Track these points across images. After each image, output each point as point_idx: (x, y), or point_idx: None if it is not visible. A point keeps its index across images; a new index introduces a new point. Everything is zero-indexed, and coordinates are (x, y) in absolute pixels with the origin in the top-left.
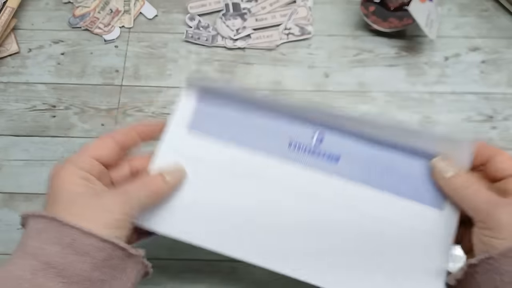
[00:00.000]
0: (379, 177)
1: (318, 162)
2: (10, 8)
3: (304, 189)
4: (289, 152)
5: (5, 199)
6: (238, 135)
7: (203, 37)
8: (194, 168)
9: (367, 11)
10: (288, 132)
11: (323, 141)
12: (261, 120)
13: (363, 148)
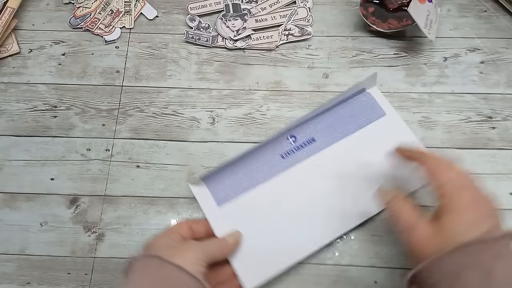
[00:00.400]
0: (341, 130)
1: (305, 151)
2: (10, 8)
3: (311, 174)
4: (285, 162)
5: (6, 199)
6: (247, 183)
7: (204, 37)
8: (238, 223)
9: (366, 12)
10: (274, 152)
11: (297, 137)
12: (252, 162)
13: (321, 121)
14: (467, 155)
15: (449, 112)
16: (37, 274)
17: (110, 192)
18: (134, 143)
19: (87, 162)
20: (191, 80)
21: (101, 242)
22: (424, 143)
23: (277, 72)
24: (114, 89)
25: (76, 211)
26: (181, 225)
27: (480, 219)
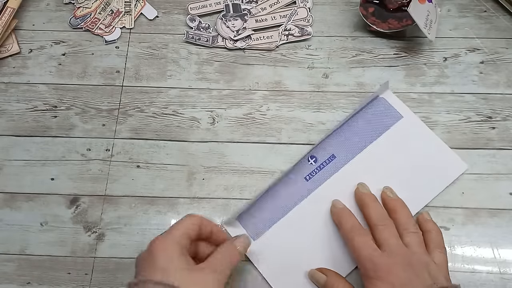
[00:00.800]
0: (359, 141)
1: (328, 170)
2: (11, 8)
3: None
4: (309, 184)
5: (6, 199)
6: (276, 213)
7: (204, 38)
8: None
9: (366, 12)
10: (298, 176)
11: (317, 157)
12: (279, 191)
13: (337, 136)
14: (467, 155)
15: (449, 112)
16: (37, 274)
17: (110, 192)
18: (134, 143)
19: (87, 162)
20: (191, 80)
21: (101, 242)
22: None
23: (277, 72)
24: (114, 89)
25: (76, 211)
26: (193, 220)
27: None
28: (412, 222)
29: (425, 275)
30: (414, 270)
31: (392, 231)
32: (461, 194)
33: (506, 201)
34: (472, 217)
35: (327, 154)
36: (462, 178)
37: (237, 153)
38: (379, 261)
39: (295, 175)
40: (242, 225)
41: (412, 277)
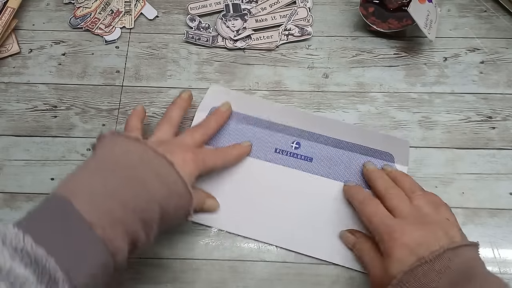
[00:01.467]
0: (339, 172)
1: (296, 162)
2: (10, 8)
3: (286, 182)
4: (275, 156)
5: (6, 199)
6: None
7: (204, 37)
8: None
9: (366, 12)
10: (273, 142)
11: (300, 147)
12: (253, 134)
13: (329, 151)
14: (467, 155)
15: (449, 112)
16: None
17: None
18: None
19: None
20: (191, 80)
21: None
22: (424, 143)
23: (277, 72)
24: (114, 89)
25: None
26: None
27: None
28: (417, 186)
29: (440, 233)
30: (428, 229)
31: (401, 196)
32: (461, 194)
33: (506, 201)
34: (472, 217)
35: (308, 152)
36: (462, 178)
37: None
38: (391, 223)
39: (272, 140)
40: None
41: (427, 236)
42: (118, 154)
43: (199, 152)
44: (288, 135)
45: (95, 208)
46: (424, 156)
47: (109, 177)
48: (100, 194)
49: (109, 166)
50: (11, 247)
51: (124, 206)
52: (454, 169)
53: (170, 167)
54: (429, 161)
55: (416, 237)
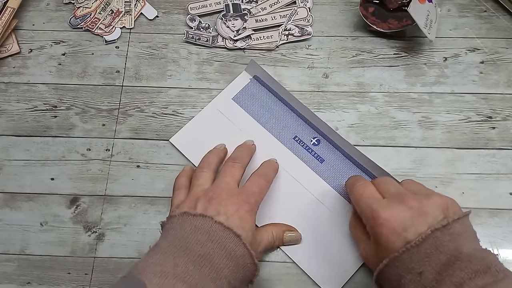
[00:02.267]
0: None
1: (309, 158)
2: (11, 8)
3: (293, 170)
4: (292, 143)
5: (6, 199)
6: (262, 118)
7: (204, 37)
8: (223, 123)
9: (366, 12)
10: (296, 129)
11: (318, 144)
12: (281, 113)
13: (342, 161)
14: (467, 155)
15: (449, 112)
16: (37, 274)
17: (110, 192)
18: (134, 143)
19: (87, 162)
20: (191, 80)
21: (101, 242)
22: (424, 143)
23: (277, 72)
24: (114, 89)
25: (76, 211)
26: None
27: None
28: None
29: (429, 210)
30: (416, 208)
31: (392, 181)
32: (461, 194)
33: (506, 201)
34: (472, 217)
35: (322, 154)
36: (462, 178)
37: None
38: (377, 207)
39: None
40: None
41: (414, 217)
42: (188, 233)
43: (249, 196)
44: (311, 129)
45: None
46: (424, 156)
47: (179, 259)
48: (170, 277)
49: (179, 247)
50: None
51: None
52: (454, 169)
53: (237, 241)
54: (429, 161)
55: (403, 219)
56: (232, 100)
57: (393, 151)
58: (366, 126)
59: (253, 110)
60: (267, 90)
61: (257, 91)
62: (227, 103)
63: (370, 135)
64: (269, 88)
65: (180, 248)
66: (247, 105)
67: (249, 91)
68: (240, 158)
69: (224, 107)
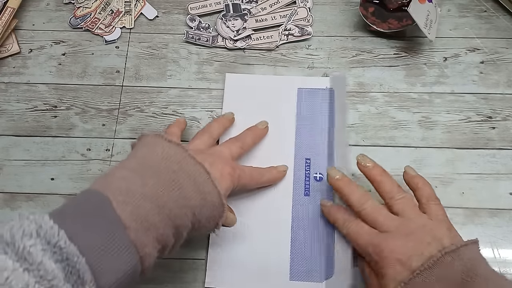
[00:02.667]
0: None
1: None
2: (11, 8)
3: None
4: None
5: (6, 199)
6: (302, 122)
7: (204, 37)
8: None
9: (366, 12)
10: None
11: (319, 181)
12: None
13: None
14: (467, 155)
15: (449, 112)
16: None
17: None
18: None
19: (87, 162)
20: (191, 80)
21: None
22: (424, 143)
23: (277, 72)
24: (114, 89)
25: None
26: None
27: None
28: (395, 188)
29: (429, 239)
30: (416, 237)
31: (377, 208)
32: (461, 194)
33: (506, 201)
34: (472, 217)
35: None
36: (462, 178)
37: None
38: (378, 242)
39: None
40: None
41: (417, 245)
42: (159, 157)
43: (236, 168)
44: (326, 165)
45: (132, 209)
46: (424, 156)
47: (148, 179)
48: (138, 195)
49: (149, 168)
50: (45, 239)
51: (160, 210)
52: (454, 169)
53: (207, 177)
54: (429, 161)
55: (405, 250)
56: (297, 89)
57: (393, 151)
58: (366, 126)
59: (302, 111)
60: (328, 107)
61: (320, 101)
62: (290, 88)
63: (370, 135)
64: (330, 107)
65: (150, 169)
66: (302, 103)
67: (315, 95)
68: (243, 140)
69: (285, 88)
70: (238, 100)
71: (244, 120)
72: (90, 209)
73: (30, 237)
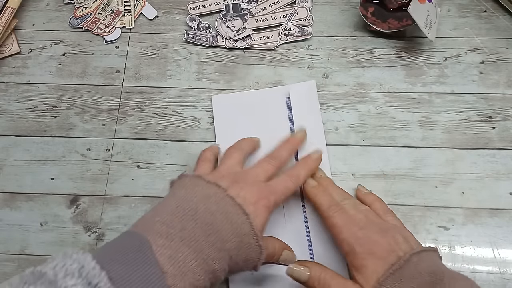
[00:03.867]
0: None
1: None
2: (11, 8)
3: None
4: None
5: (6, 199)
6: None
7: (204, 37)
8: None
9: (366, 12)
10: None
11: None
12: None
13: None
14: (467, 155)
15: (449, 112)
16: None
17: (110, 192)
18: (134, 143)
19: (87, 162)
20: (191, 80)
21: (101, 242)
22: (424, 143)
23: (277, 72)
24: (114, 89)
25: (76, 211)
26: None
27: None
28: (357, 201)
29: (400, 238)
30: (390, 236)
31: (355, 204)
32: (461, 194)
33: (506, 201)
34: (472, 217)
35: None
36: (462, 178)
37: None
38: (360, 235)
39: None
40: None
41: (391, 243)
42: (198, 198)
43: (270, 194)
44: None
45: (170, 253)
46: (424, 156)
47: (187, 222)
48: (177, 239)
49: (188, 210)
50: (86, 280)
51: (197, 255)
52: (454, 169)
53: (245, 218)
54: (429, 161)
55: (384, 245)
56: (285, 98)
57: (393, 151)
58: (366, 126)
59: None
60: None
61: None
62: (278, 98)
63: (370, 135)
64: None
65: (189, 212)
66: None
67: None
68: (278, 158)
69: (273, 99)
70: (230, 120)
71: (239, 138)
72: (130, 251)
73: (72, 277)
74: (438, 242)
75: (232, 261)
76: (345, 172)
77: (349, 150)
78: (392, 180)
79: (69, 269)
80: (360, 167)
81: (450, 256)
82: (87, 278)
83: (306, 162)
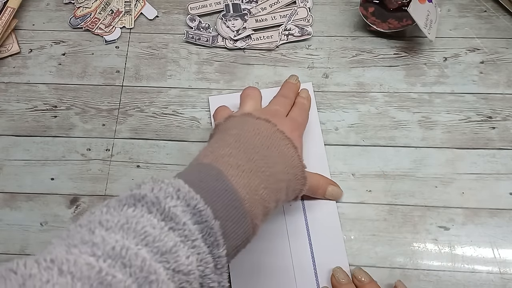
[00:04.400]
0: None
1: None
2: (11, 8)
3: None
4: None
5: (6, 199)
6: None
7: (204, 37)
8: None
9: (366, 12)
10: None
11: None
12: None
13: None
14: (467, 155)
15: (449, 112)
16: None
17: (110, 192)
18: (134, 143)
19: (87, 162)
20: (191, 80)
21: None
22: (424, 143)
23: (277, 72)
24: (114, 89)
25: (76, 211)
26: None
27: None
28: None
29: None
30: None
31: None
32: (461, 194)
33: (506, 201)
34: (472, 217)
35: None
36: (462, 178)
37: None
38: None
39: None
40: None
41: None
42: (252, 133)
43: (300, 125)
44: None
45: (244, 183)
46: (424, 156)
47: (251, 155)
48: (246, 170)
49: (247, 143)
50: (185, 201)
51: (266, 184)
52: (454, 169)
53: (293, 151)
54: (429, 161)
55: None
56: None
57: (393, 151)
58: (366, 126)
59: None
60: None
61: None
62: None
63: (370, 135)
64: None
65: (248, 146)
66: None
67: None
68: (289, 97)
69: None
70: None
71: None
72: (210, 179)
73: (171, 198)
74: (438, 242)
75: (288, 191)
76: (345, 172)
77: (349, 150)
78: (392, 180)
79: (167, 191)
80: (360, 167)
81: (450, 256)
82: (185, 200)
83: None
